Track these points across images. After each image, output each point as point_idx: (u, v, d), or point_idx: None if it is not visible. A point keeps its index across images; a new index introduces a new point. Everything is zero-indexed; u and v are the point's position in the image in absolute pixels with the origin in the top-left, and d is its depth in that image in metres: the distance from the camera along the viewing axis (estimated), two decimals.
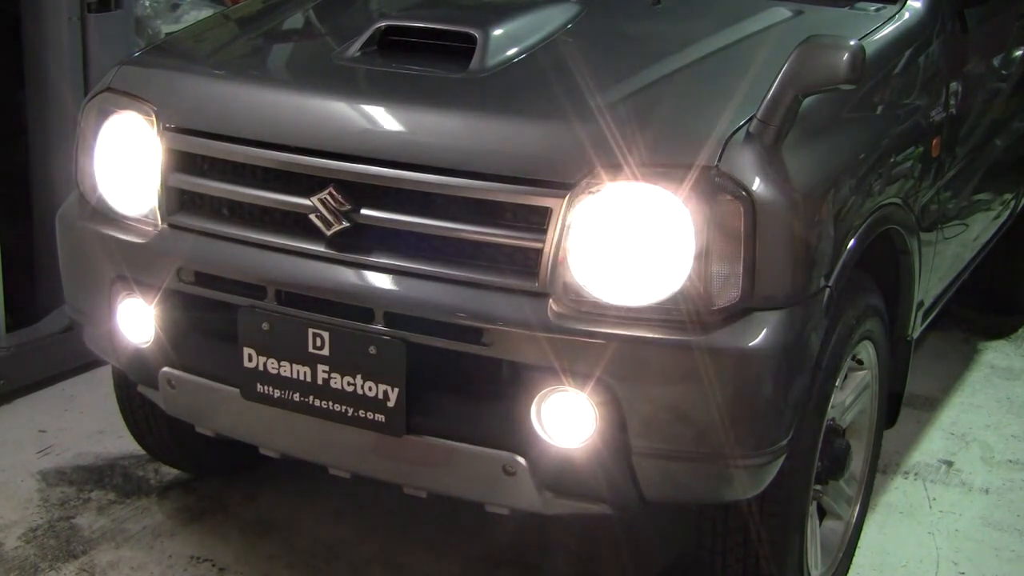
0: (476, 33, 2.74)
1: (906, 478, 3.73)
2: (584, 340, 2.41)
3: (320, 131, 2.64)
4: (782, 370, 2.44)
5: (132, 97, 2.88)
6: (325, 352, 2.60)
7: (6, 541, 3.27)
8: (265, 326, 2.65)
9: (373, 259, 2.58)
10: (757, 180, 2.38)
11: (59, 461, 3.68)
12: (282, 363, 2.65)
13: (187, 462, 3.53)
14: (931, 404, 4.23)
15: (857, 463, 3.08)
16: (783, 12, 3.11)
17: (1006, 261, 4.75)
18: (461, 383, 2.58)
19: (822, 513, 3.03)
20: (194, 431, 2.99)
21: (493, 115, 2.58)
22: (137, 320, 2.86)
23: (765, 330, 2.40)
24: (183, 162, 2.80)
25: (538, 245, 2.45)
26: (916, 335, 3.29)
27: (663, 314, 2.40)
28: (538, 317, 2.44)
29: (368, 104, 2.67)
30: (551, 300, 2.45)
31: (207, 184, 2.77)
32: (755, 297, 2.40)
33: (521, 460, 2.51)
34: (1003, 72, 3.86)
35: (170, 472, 3.60)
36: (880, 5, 3.15)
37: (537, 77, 2.75)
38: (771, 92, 2.40)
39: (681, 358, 2.40)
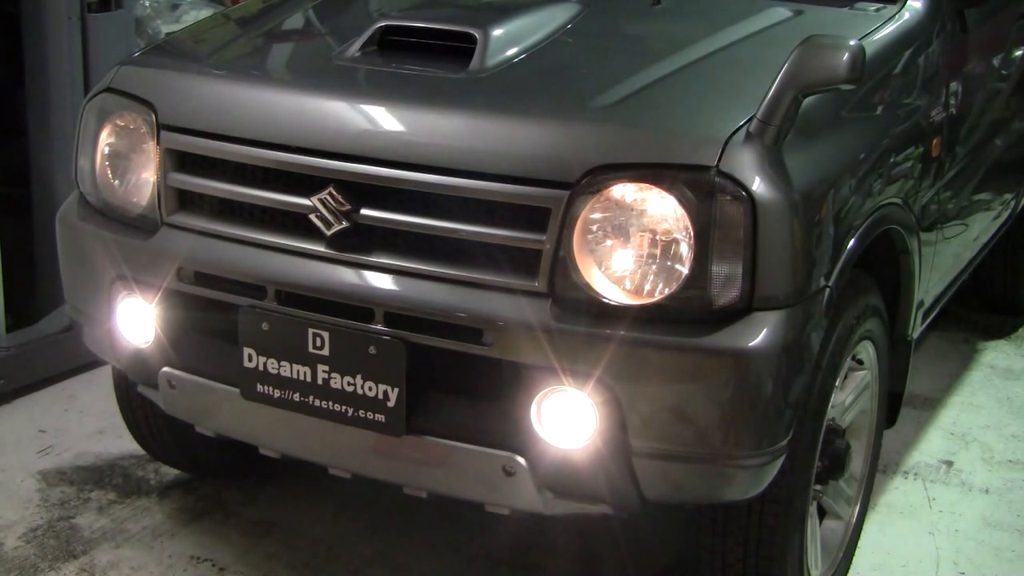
0: (476, 33, 2.75)
1: (906, 478, 3.73)
2: (584, 340, 2.41)
3: (320, 131, 2.64)
4: (782, 370, 2.44)
5: (132, 97, 2.88)
6: (325, 352, 2.60)
7: (6, 541, 3.27)
8: (265, 326, 2.65)
9: (373, 259, 2.58)
10: (757, 180, 2.38)
11: (59, 461, 3.68)
12: (282, 363, 2.65)
13: (187, 462, 3.53)
14: (931, 404, 4.23)
15: (857, 463, 3.08)
16: (783, 12, 3.11)
17: (1006, 261, 4.76)
18: (461, 383, 2.58)
19: (822, 513, 3.03)
20: (194, 431, 2.99)
21: (493, 115, 2.58)
22: (137, 320, 2.86)
23: (765, 330, 2.40)
24: (183, 162, 2.80)
25: (538, 245, 2.45)
26: (916, 335, 3.29)
27: (663, 314, 2.40)
28: (538, 317, 2.44)
29: (368, 104, 2.67)
30: (551, 300, 2.45)
31: (207, 184, 2.77)
32: (755, 297, 2.40)
33: (521, 460, 2.51)
34: (1003, 72, 3.86)
35: (170, 472, 3.60)
36: (880, 5, 3.15)
37: (537, 77, 2.75)
38: (771, 92, 2.40)
39: (681, 358, 2.40)
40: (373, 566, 3.21)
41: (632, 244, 2.42)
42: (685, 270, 2.39)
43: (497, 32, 2.77)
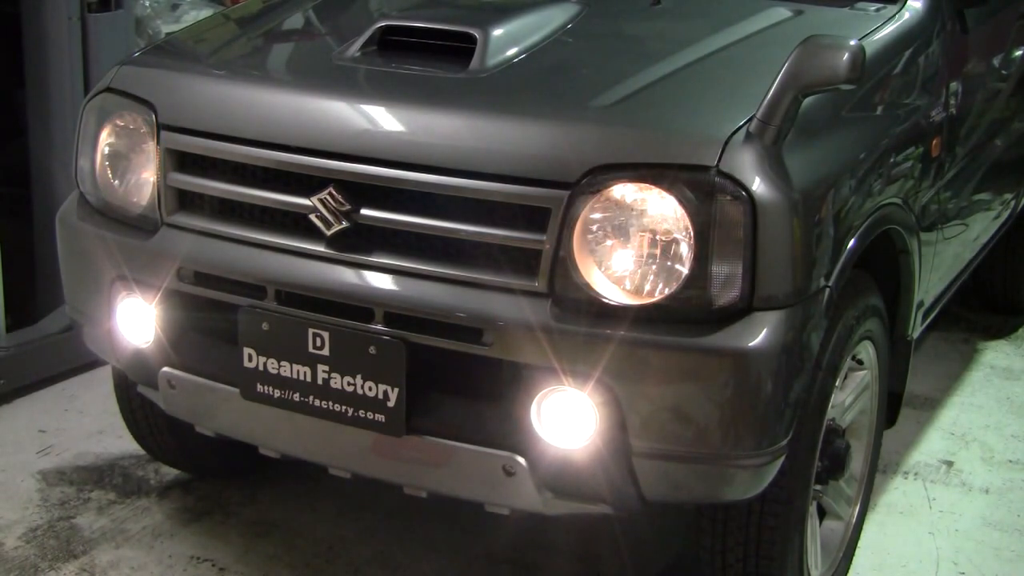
0: (476, 33, 2.74)
1: (906, 478, 3.73)
2: (584, 340, 2.41)
3: (320, 131, 2.64)
4: (782, 370, 2.44)
5: (132, 97, 2.88)
6: (325, 352, 2.60)
7: (6, 541, 3.27)
8: (265, 326, 2.65)
9: (373, 259, 2.58)
10: (757, 180, 2.38)
11: (59, 461, 3.68)
12: (282, 363, 2.65)
13: (187, 462, 3.53)
14: (931, 404, 4.23)
15: (857, 463, 3.08)
16: (783, 12, 3.11)
17: (1006, 261, 4.76)
18: (461, 383, 2.58)
19: (822, 513, 3.03)
20: (194, 431, 2.99)
21: (493, 115, 2.58)
22: (137, 320, 2.86)
23: (765, 330, 2.40)
24: (183, 162, 2.80)
25: (538, 245, 2.45)
26: (916, 335, 3.29)
27: (663, 314, 2.40)
28: (538, 317, 2.44)
29: (368, 104, 2.67)
30: (551, 300, 2.45)
31: (207, 184, 2.77)
32: (755, 297, 2.40)
33: (521, 460, 2.51)
34: (1003, 72, 3.86)
35: (170, 472, 3.61)
36: (880, 5, 3.15)
37: (537, 77, 2.75)
38: (771, 92, 2.40)
39: (681, 358, 2.40)
40: (373, 566, 3.21)
41: (632, 244, 2.42)
42: (685, 270, 2.39)
43: (497, 32, 2.77)
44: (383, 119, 2.64)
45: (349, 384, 2.59)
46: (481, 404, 2.56)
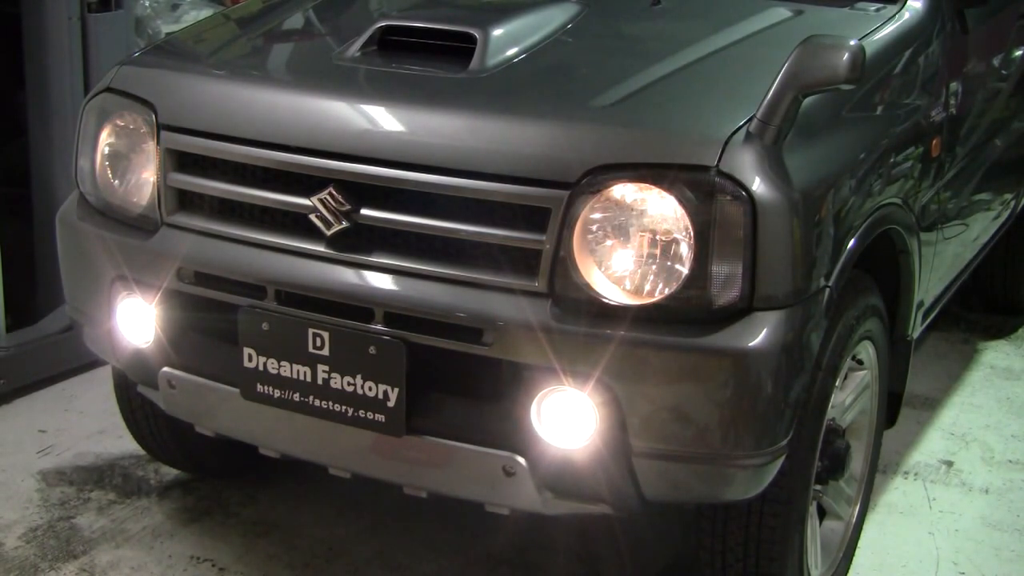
0: (476, 33, 2.75)
1: (906, 478, 3.73)
2: (584, 340, 2.41)
3: (320, 131, 2.64)
4: (782, 370, 2.44)
5: (132, 97, 2.88)
6: (325, 352, 2.60)
7: (6, 541, 3.27)
8: (265, 326, 2.65)
9: (373, 259, 2.58)
10: (757, 180, 2.38)
11: (59, 461, 3.68)
12: (282, 363, 2.65)
13: (187, 462, 3.53)
14: (931, 404, 4.23)
15: (857, 463, 3.08)
16: (783, 12, 3.11)
17: (1006, 261, 4.76)
18: (461, 383, 2.58)
19: (822, 513, 3.03)
20: (194, 431, 2.99)
21: (493, 115, 2.58)
22: (137, 320, 2.86)
23: (765, 330, 2.40)
24: (183, 162, 2.80)
25: (538, 245, 2.45)
26: (916, 335, 3.29)
27: (663, 314, 2.40)
28: (538, 317, 2.44)
29: (368, 104, 2.67)
30: (551, 300, 2.45)
31: (207, 184, 2.77)
32: (755, 297, 2.40)
33: (521, 460, 2.51)
34: (1003, 72, 3.86)
35: (170, 472, 3.61)
36: (880, 5, 3.15)
37: (537, 77, 2.75)
38: (771, 92, 2.40)
39: (681, 358, 2.40)
40: (373, 566, 3.21)
41: (632, 244, 2.42)
42: (685, 270, 2.39)
43: (497, 32, 2.78)
44: (383, 119, 2.64)
45: (349, 384, 2.59)
46: (481, 404, 2.56)
